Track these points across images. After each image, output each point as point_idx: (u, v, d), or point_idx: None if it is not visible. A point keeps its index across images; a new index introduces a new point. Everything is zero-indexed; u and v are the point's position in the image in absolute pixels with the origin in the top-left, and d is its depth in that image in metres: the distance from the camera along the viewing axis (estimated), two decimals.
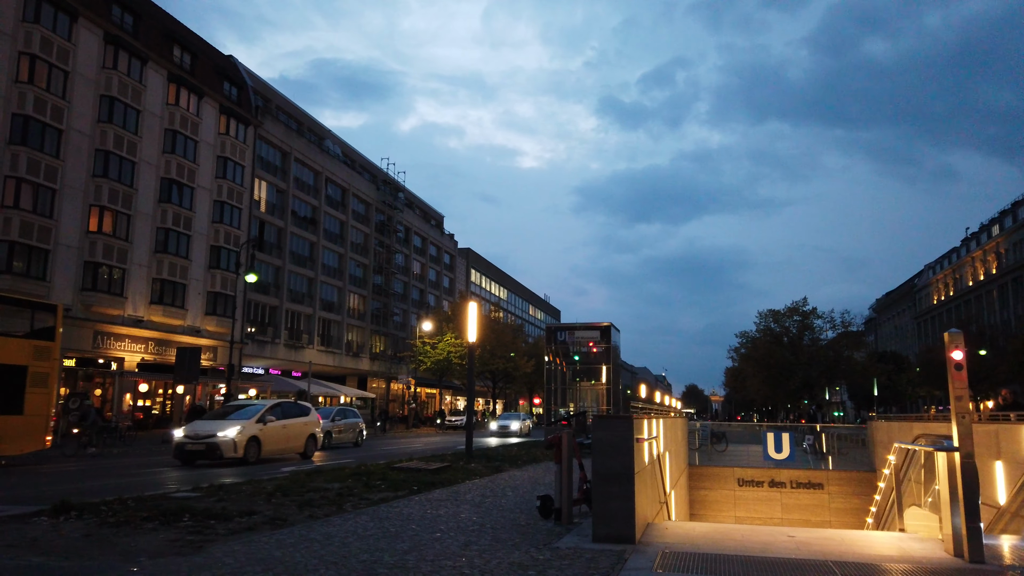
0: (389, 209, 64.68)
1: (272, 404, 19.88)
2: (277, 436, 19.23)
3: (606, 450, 6.50)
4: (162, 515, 7.67)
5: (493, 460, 16.87)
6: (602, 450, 6.52)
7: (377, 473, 12.70)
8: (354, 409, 31.76)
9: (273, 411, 19.54)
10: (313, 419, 21.51)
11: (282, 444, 19.59)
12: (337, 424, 27.55)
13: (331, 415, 27.86)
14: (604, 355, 28.48)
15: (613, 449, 6.47)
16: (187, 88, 40.59)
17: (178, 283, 39.38)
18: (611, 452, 6.47)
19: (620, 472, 6.43)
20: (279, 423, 19.40)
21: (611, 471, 6.44)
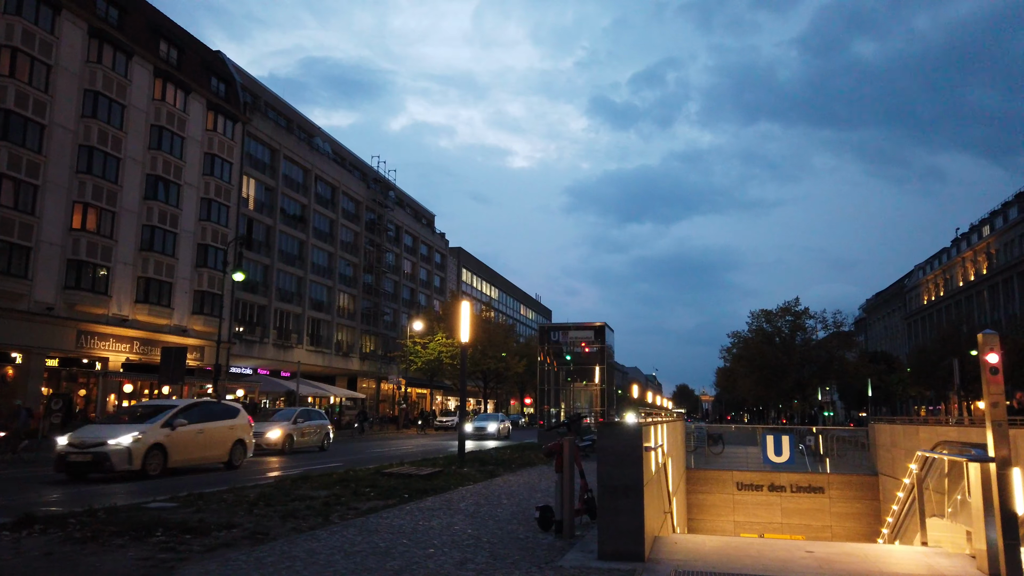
0: (379, 207, 64.05)
1: (186, 405, 16.89)
2: (190, 443, 16.12)
3: (613, 460, 6.01)
4: (133, 529, 7.12)
5: (487, 464, 16.37)
6: (609, 460, 6.03)
7: (366, 479, 12.16)
8: (319, 410, 29.67)
9: (187, 413, 16.39)
10: (241, 422, 18.32)
11: (197, 452, 16.48)
12: (300, 426, 25.45)
13: (293, 417, 25.69)
14: (598, 355, 28.06)
15: (621, 459, 5.99)
16: (173, 83, 39.87)
17: (164, 282, 38.66)
18: (619, 462, 5.99)
19: (628, 484, 5.94)
20: (194, 427, 16.24)
21: (619, 483, 5.95)
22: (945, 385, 66.98)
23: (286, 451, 23.83)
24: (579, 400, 30.12)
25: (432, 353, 54.18)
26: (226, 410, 18.67)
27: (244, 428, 18.48)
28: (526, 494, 11.37)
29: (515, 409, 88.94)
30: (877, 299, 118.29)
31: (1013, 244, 69.54)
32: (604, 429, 6.14)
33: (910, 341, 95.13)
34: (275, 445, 23.75)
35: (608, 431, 6.11)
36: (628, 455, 5.98)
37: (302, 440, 25.36)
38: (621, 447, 6.00)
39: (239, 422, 18.27)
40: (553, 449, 7.34)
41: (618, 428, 6.11)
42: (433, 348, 54.26)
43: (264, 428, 24.11)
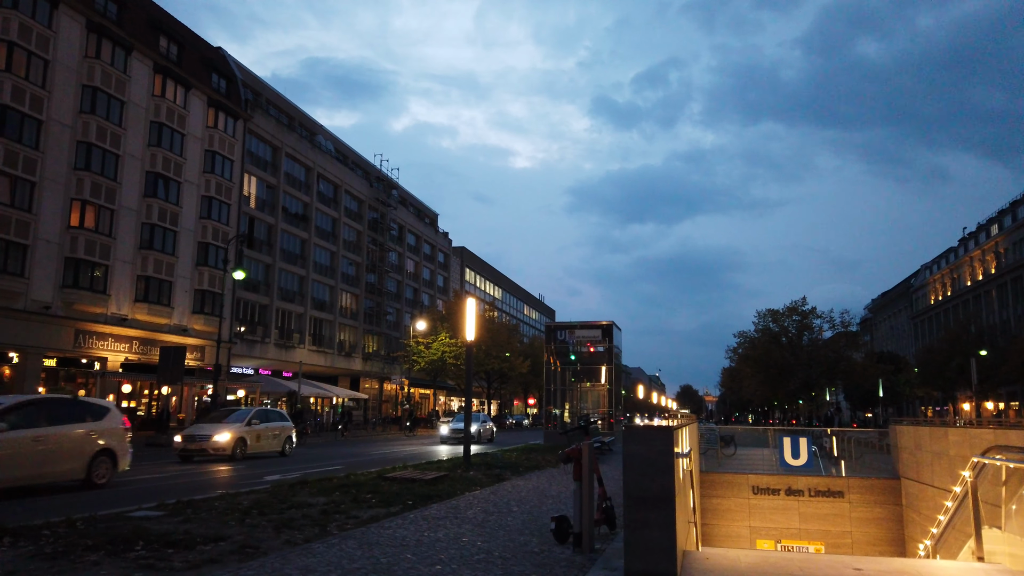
0: (382, 206, 63.47)
1: (11, 404, 12.28)
2: (17, 456, 11.84)
3: (641, 467, 5.38)
4: (111, 542, 6.51)
5: (493, 468, 15.75)
6: (636, 467, 5.40)
7: (367, 485, 11.52)
8: (280, 411, 26.64)
9: (11, 415, 12.06)
10: (108, 425, 13.82)
11: (30, 468, 12.12)
12: (255, 429, 22.45)
13: (247, 418, 22.69)
14: (605, 355, 27.41)
15: (650, 466, 5.36)
16: (174, 80, 39.32)
17: (164, 280, 38.11)
18: (647, 470, 5.36)
19: (659, 495, 5.31)
20: (22, 434, 11.95)
21: (648, 493, 5.32)
22: (953, 385, 66.26)
23: (237, 457, 21.05)
24: (585, 401, 29.49)
25: (435, 353, 53.60)
26: (82, 410, 13.86)
27: (113, 434, 13.87)
28: (536, 501, 10.74)
29: (519, 410, 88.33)
30: (883, 299, 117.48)
31: (1022, 243, 68.74)
32: (632, 433, 5.51)
33: (916, 341, 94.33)
34: (223, 450, 20.84)
35: (635, 435, 5.48)
36: (658, 462, 5.36)
37: (258, 445, 22.41)
38: (650, 453, 5.38)
39: (104, 426, 13.73)
40: (571, 455, 6.72)
41: (646, 431, 5.49)
42: (436, 348, 53.67)
43: (211, 431, 21.44)
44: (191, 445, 20.96)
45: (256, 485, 12.57)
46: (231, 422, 22.37)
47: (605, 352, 27.04)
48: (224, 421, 22.56)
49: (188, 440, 21.21)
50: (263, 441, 22.79)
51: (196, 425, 23.67)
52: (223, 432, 21.27)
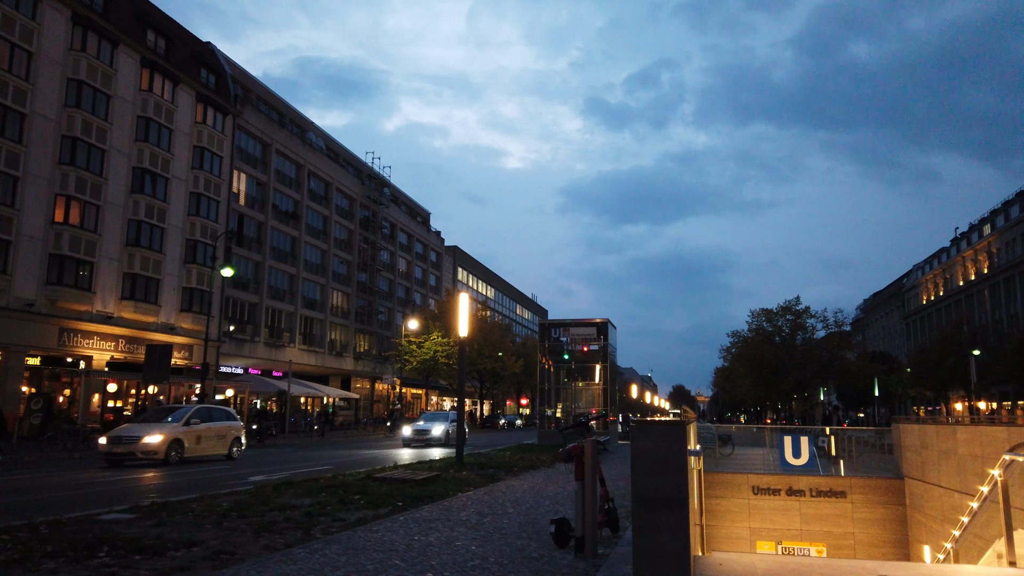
0: (374, 205, 62.87)
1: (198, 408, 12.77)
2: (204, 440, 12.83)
3: (651, 467, 4.91)
4: (73, 548, 6.00)
5: (487, 468, 15.27)
6: (645, 467, 4.94)
7: (355, 485, 11.01)
8: (226, 409, 23.97)
9: None
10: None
11: None
12: (195, 429, 20.04)
13: (185, 416, 20.21)
14: (599, 353, 26.96)
15: (662, 465, 4.90)
16: (161, 74, 38.66)
17: (151, 278, 37.45)
18: (658, 469, 4.90)
19: (671, 496, 4.85)
20: None
21: (659, 495, 4.86)
22: (946, 385, 66.20)
23: (172, 461, 18.82)
24: (579, 400, 29.03)
25: (427, 352, 53.07)
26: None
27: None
28: (532, 502, 10.27)
29: (511, 410, 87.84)
30: (875, 299, 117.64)
31: (1015, 243, 68.75)
32: (641, 430, 5.05)
33: (908, 341, 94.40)
34: (154, 453, 18.40)
35: (644, 432, 5.02)
36: (670, 460, 4.90)
37: (198, 447, 20.10)
38: (661, 450, 4.92)
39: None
40: (572, 453, 6.26)
41: (657, 427, 5.03)
42: (428, 347, 53.14)
43: (141, 431, 18.89)
44: (118, 448, 18.59)
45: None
46: (167, 422, 19.98)
47: (600, 350, 26.57)
48: (160, 421, 20.20)
49: (114, 442, 18.77)
50: (205, 443, 20.53)
51: (125, 426, 21.14)
52: (155, 433, 18.84)
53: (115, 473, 16.41)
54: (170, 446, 18.90)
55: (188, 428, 19.91)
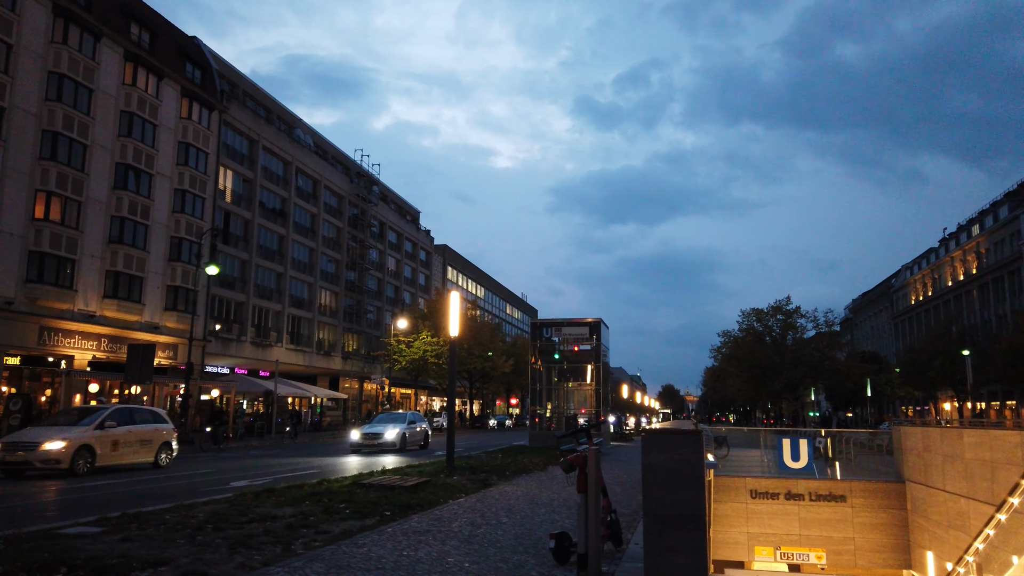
0: (363, 203, 62.19)
1: None
2: None
3: (666, 480, 4.46)
4: (27, 569, 5.48)
5: (478, 472, 14.79)
6: (659, 480, 4.48)
7: (341, 493, 10.49)
8: (153, 410, 21.12)
9: None
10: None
11: None
12: (110, 433, 17.38)
13: (99, 419, 17.43)
14: (592, 353, 26.53)
15: (677, 479, 4.44)
16: (145, 68, 37.89)
17: (134, 276, 36.69)
18: (673, 483, 4.44)
19: (687, 514, 4.40)
20: None
21: (674, 511, 4.40)
22: (935, 385, 66.29)
23: (80, 471, 16.16)
24: (571, 401, 28.60)
25: (417, 352, 52.52)
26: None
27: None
28: (528, 510, 9.80)
29: (501, 410, 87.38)
30: (863, 299, 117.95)
31: (1004, 243, 68.90)
32: (652, 440, 4.59)
33: (897, 341, 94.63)
34: (56, 462, 15.79)
35: (658, 442, 4.56)
36: (686, 473, 4.44)
37: (114, 454, 17.45)
38: (676, 463, 4.46)
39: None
40: (575, 462, 5.80)
41: (671, 438, 4.57)
42: (418, 347, 52.60)
43: (41, 436, 16.35)
44: (11, 456, 15.91)
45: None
46: (74, 425, 17.22)
47: (592, 350, 26.13)
48: (67, 424, 17.43)
49: (9, 449, 16.06)
50: (123, 449, 17.77)
51: (23, 430, 18.73)
52: (56, 439, 16.08)
53: (15, 486, 14.24)
54: (77, 453, 16.23)
55: (102, 432, 17.15)
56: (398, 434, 26.34)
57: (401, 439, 26.34)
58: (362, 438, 26.10)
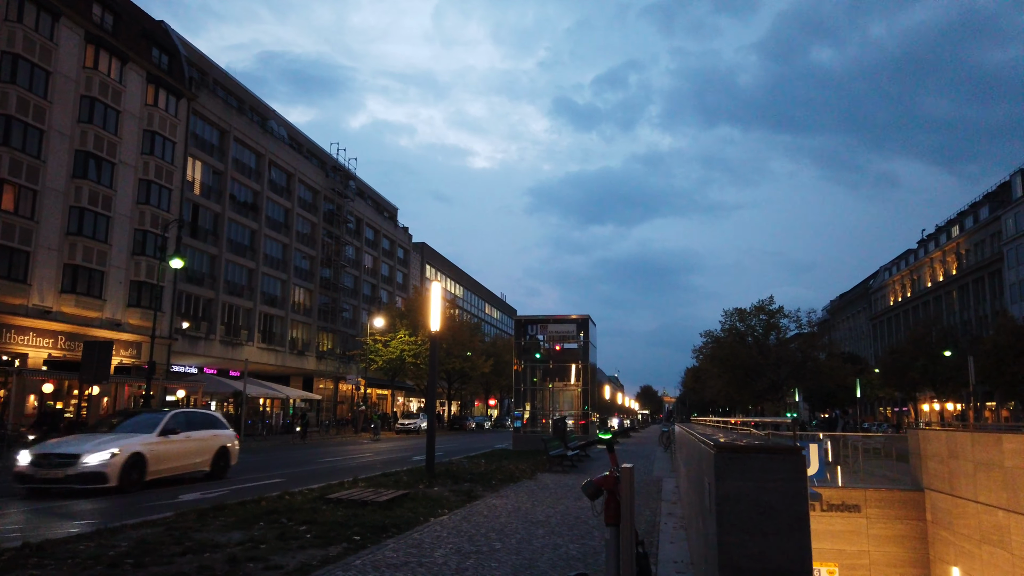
0: (339, 198, 60.34)
1: None
2: None
3: (755, 520, 3.06)
4: None
5: (461, 481, 13.33)
6: (744, 520, 3.08)
7: (303, 511, 8.97)
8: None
9: None
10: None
11: None
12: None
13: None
14: (579, 352, 25.16)
15: (769, 519, 3.05)
16: (108, 51, 35.90)
17: (95, 270, 34.70)
18: (767, 526, 3.04)
19: (786, 568, 3.00)
20: None
21: (767, 566, 3.00)
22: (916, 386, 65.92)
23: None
24: (557, 402, 27.20)
25: (394, 352, 50.87)
26: None
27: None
28: (523, 531, 8.38)
29: (480, 411, 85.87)
30: (841, 300, 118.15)
31: (984, 244, 68.84)
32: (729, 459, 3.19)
33: (875, 343, 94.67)
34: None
35: (741, 463, 3.16)
36: (783, 510, 3.06)
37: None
38: (767, 494, 3.07)
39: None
40: (601, 486, 4.41)
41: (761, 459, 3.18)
42: (395, 346, 50.95)
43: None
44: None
45: None
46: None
47: (580, 349, 24.75)
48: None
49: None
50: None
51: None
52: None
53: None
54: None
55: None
56: (116, 456, 12.94)
57: (128, 466, 13.10)
58: (34, 466, 12.79)
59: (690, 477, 7.34)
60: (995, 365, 51.14)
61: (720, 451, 3.22)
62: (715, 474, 3.20)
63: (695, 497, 6.47)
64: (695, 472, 6.18)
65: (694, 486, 6.56)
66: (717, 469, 3.19)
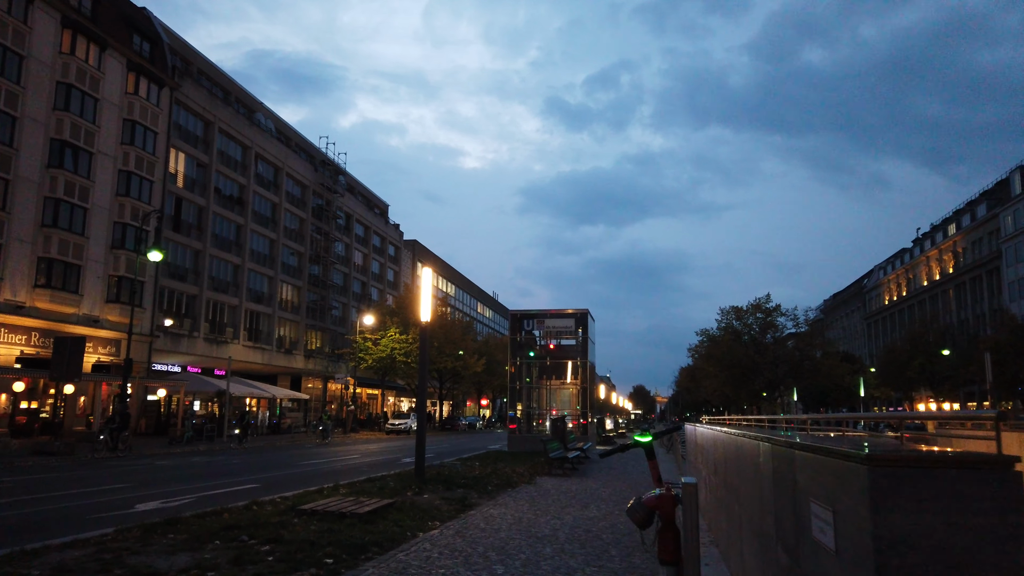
0: (328, 193, 58.91)
1: None
2: None
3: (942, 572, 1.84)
4: None
5: (454, 486, 12.08)
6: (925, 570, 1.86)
7: (270, 525, 7.68)
8: None
9: None
10: None
11: None
12: None
13: None
14: (579, 348, 23.92)
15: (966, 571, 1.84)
16: (85, 36, 34.47)
17: (71, 264, 33.27)
18: None
19: None
20: None
21: None
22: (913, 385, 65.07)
23: None
24: (553, 401, 25.97)
25: (384, 350, 49.53)
26: None
27: None
28: (529, 550, 7.15)
29: (471, 411, 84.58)
30: (835, 300, 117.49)
31: (982, 242, 68.07)
32: (895, 476, 1.99)
33: (869, 342, 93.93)
34: None
35: (915, 484, 1.96)
36: (988, 559, 1.86)
37: None
38: (960, 536, 1.87)
39: None
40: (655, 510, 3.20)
41: (945, 475, 1.99)
42: (385, 344, 49.61)
43: None
44: None
45: None
46: None
47: (578, 345, 23.51)
48: None
49: None
50: None
51: None
52: None
53: None
54: None
55: None
56: None
57: None
58: None
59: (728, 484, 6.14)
60: (998, 364, 50.24)
61: (879, 465, 2.00)
62: (871, 503, 1.98)
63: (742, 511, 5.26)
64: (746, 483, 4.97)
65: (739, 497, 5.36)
66: (875, 495, 1.97)
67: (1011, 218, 61.53)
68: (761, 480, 4.35)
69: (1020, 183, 60.55)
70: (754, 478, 4.67)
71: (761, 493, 4.38)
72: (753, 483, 4.72)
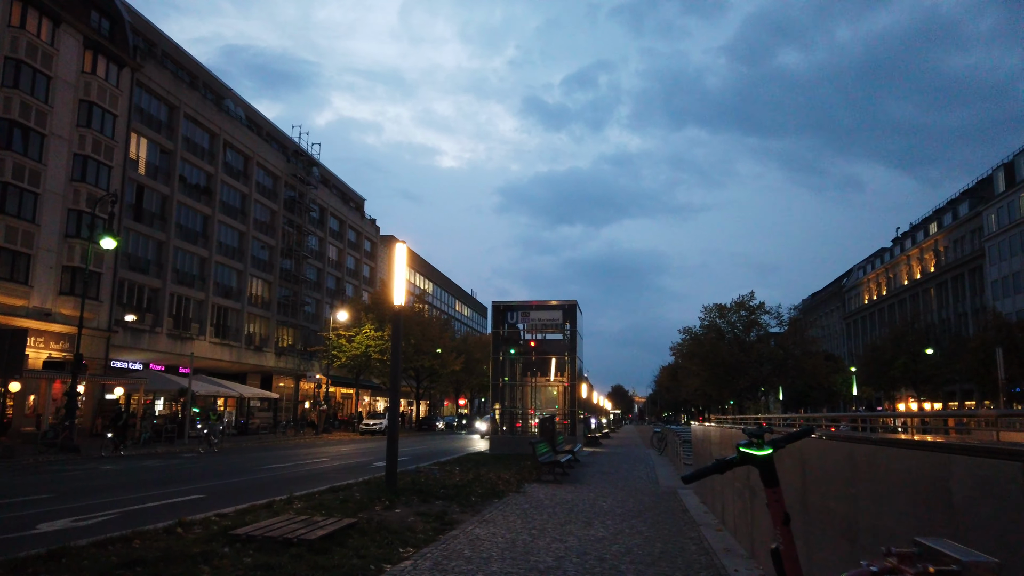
0: (301, 184, 56.72)
1: None
2: None
3: None
4: None
5: (431, 497, 10.34)
6: None
7: (188, 557, 5.83)
8: None
9: None
10: None
11: None
12: None
13: None
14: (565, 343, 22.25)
15: None
16: (37, 9, 32.20)
17: (19, 252, 30.99)
18: None
19: None
20: None
21: None
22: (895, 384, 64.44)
23: None
24: (537, 400, 24.29)
25: (359, 347, 47.57)
26: None
27: None
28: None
29: (449, 411, 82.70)
30: (813, 299, 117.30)
31: (964, 240, 67.62)
32: None
33: (849, 341, 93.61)
34: None
35: None
36: None
37: None
38: None
39: None
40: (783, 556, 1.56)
41: None
42: (360, 341, 47.65)
43: None
44: None
45: None
46: None
47: (565, 339, 21.84)
48: None
49: None
50: None
51: None
52: None
53: None
54: None
55: None
56: None
57: None
58: None
59: None
60: (983, 363, 49.49)
61: None
62: None
63: None
64: None
65: None
66: None
67: (995, 216, 61.05)
68: None
69: (1004, 181, 60.07)
70: None
71: None
72: None
